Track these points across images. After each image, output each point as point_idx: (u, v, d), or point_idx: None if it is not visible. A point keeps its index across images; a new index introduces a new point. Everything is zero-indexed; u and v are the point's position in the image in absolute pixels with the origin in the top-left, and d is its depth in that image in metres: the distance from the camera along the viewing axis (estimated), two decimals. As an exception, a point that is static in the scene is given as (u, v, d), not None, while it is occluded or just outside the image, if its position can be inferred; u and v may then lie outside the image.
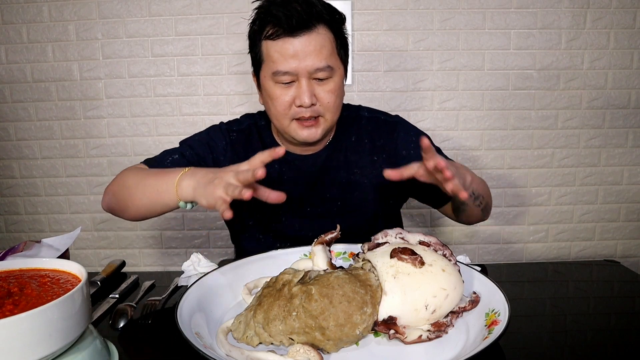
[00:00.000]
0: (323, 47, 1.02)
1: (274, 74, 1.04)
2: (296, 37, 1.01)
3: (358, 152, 1.20)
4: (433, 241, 0.86)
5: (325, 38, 1.03)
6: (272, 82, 1.06)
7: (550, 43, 1.89)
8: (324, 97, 1.06)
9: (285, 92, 1.05)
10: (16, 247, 1.02)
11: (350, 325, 0.72)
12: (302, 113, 1.06)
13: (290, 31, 1.00)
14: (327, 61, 1.03)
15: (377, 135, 1.21)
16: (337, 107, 1.10)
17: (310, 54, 1.01)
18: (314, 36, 1.02)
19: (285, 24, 1.00)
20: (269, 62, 1.05)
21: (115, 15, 1.88)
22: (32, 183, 2.02)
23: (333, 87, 1.06)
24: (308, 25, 1.01)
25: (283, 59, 1.02)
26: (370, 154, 1.20)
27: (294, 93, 1.05)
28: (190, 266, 1.03)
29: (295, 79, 1.04)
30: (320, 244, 0.90)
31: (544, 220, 2.03)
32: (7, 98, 1.95)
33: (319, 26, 1.02)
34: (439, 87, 1.93)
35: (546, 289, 1.03)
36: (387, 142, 1.20)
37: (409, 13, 1.87)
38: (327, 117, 1.08)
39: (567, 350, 0.78)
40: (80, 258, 2.05)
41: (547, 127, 1.96)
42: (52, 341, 0.58)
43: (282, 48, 1.02)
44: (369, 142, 1.20)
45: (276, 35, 1.02)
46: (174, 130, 1.96)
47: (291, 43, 1.01)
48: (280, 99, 1.06)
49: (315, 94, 1.05)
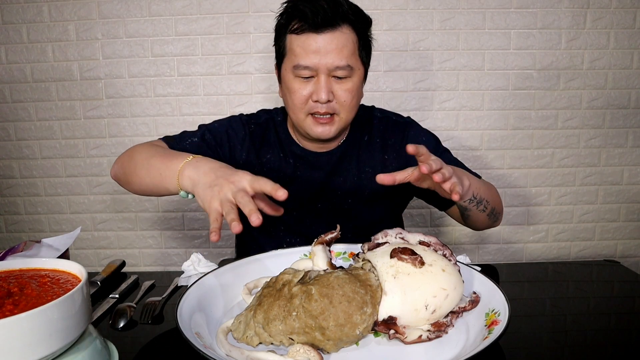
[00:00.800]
0: (345, 46, 1.04)
1: (294, 67, 1.06)
2: (320, 34, 1.03)
3: (369, 151, 1.22)
4: (433, 241, 0.86)
5: (348, 38, 1.05)
6: (292, 76, 1.07)
7: (550, 43, 1.89)
8: (341, 95, 1.07)
9: (304, 87, 1.07)
10: (16, 247, 1.02)
11: (350, 325, 0.72)
12: (317, 108, 1.07)
13: (315, 27, 1.02)
14: (348, 60, 1.05)
15: (388, 135, 1.23)
16: (353, 107, 1.11)
17: (332, 52, 1.03)
18: (337, 35, 1.03)
19: (310, 20, 1.02)
20: (291, 56, 1.07)
21: (115, 15, 1.88)
22: (32, 183, 2.02)
23: (351, 86, 1.08)
24: (332, 23, 1.03)
25: (305, 54, 1.04)
26: (382, 153, 1.22)
27: (312, 88, 1.07)
28: (190, 266, 1.03)
29: (315, 74, 1.06)
30: (320, 244, 0.90)
31: (544, 220, 2.03)
32: (7, 98, 1.95)
33: (344, 26, 1.04)
34: (439, 87, 1.93)
35: (546, 289, 1.03)
36: (397, 141, 1.22)
37: (409, 13, 1.87)
38: (342, 116, 1.10)
39: (567, 350, 0.78)
40: (80, 258, 2.05)
41: (547, 127, 1.96)
42: (52, 341, 0.58)
43: (304, 43, 1.04)
44: (381, 141, 1.22)
45: (301, 30, 1.04)
46: (174, 130, 1.94)
47: (314, 39, 1.03)
48: (298, 93, 1.07)
49: (332, 91, 1.07)
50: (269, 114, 1.26)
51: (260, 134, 1.22)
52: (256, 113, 1.27)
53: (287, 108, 1.14)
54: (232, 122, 1.23)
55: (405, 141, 1.22)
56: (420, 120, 1.94)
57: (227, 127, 1.21)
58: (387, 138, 1.23)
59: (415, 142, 1.19)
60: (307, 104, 1.08)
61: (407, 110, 1.93)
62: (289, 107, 1.12)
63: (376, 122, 1.25)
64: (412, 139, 1.22)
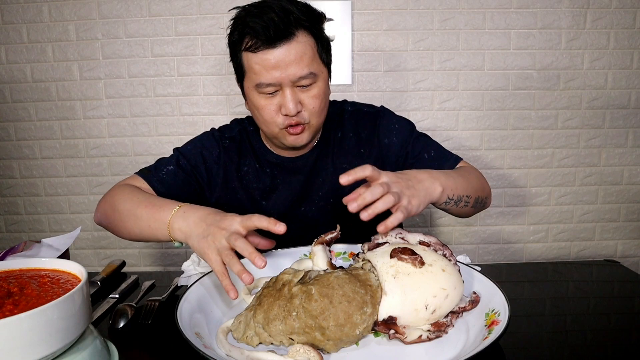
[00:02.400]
0: (304, 54, 1.00)
1: (257, 85, 1.02)
2: (276, 48, 0.98)
3: (344, 147, 1.19)
4: (433, 241, 0.86)
5: (306, 45, 1.01)
6: (257, 93, 1.04)
7: (550, 43, 1.89)
8: (309, 102, 1.05)
9: (271, 102, 1.04)
10: (16, 247, 1.02)
11: (350, 325, 0.72)
12: (288, 121, 1.05)
13: (269, 42, 0.98)
14: (309, 68, 1.01)
15: (360, 128, 1.20)
16: (322, 110, 1.09)
17: (292, 63, 0.99)
18: (294, 45, 0.99)
19: (263, 36, 0.97)
20: (251, 74, 1.03)
21: (115, 15, 1.88)
22: (32, 183, 2.02)
23: (317, 92, 1.05)
24: (286, 34, 0.98)
25: (265, 71, 1.00)
26: (357, 147, 1.19)
27: (278, 101, 1.04)
28: (190, 266, 1.03)
29: (279, 88, 1.03)
30: (320, 243, 0.90)
31: (544, 220, 2.03)
32: (7, 98, 1.95)
33: (298, 33, 1.00)
34: (439, 87, 1.93)
35: (546, 289, 1.03)
36: (370, 132, 1.19)
37: (409, 13, 1.87)
38: (312, 122, 1.08)
39: (567, 350, 0.78)
40: (80, 258, 2.05)
41: (547, 127, 1.96)
42: (52, 341, 0.58)
43: (262, 60, 0.99)
44: (354, 135, 1.19)
45: (255, 47, 0.99)
46: (174, 130, 1.96)
47: (271, 54, 0.99)
48: (266, 109, 1.05)
49: (300, 100, 1.04)
50: (241, 125, 1.23)
51: (235, 148, 1.19)
52: (229, 125, 1.25)
53: (258, 123, 1.11)
54: (204, 141, 1.19)
55: (377, 131, 1.18)
56: (420, 120, 1.94)
57: (201, 147, 1.18)
58: (360, 131, 1.19)
59: (387, 130, 1.18)
60: (277, 117, 1.05)
61: (407, 110, 1.94)
62: (260, 122, 1.10)
63: (347, 117, 1.21)
64: (384, 128, 1.18)
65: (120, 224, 1.01)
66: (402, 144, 1.17)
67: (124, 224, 0.99)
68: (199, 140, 1.21)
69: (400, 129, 1.18)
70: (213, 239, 0.80)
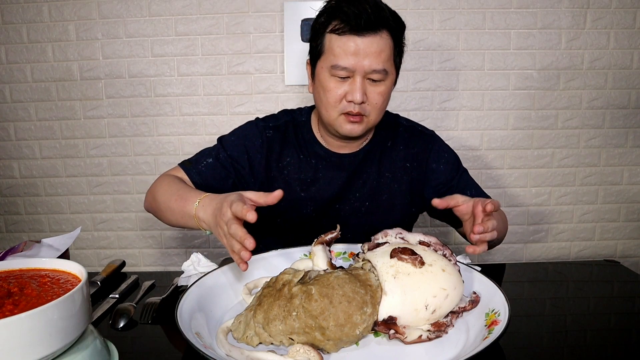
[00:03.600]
0: (383, 51, 1.06)
1: (332, 67, 1.07)
2: (361, 37, 1.04)
3: (392, 157, 1.23)
4: (433, 241, 0.86)
5: (387, 43, 1.07)
6: (328, 74, 1.09)
7: (550, 43, 1.89)
8: (374, 97, 1.09)
9: (339, 86, 1.08)
10: (16, 247, 1.02)
11: (350, 325, 0.72)
12: (350, 108, 1.09)
13: (357, 30, 1.04)
14: (384, 65, 1.07)
15: (412, 144, 1.25)
16: (382, 109, 1.14)
17: (371, 55, 1.05)
18: (377, 39, 1.05)
19: (353, 22, 1.03)
20: (329, 55, 1.08)
21: (115, 15, 1.88)
22: (32, 183, 2.02)
23: (384, 89, 1.10)
24: (374, 27, 1.04)
25: (344, 55, 1.05)
26: (404, 161, 1.24)
27: (347, 88, 1.08)
28: (190, 266, 1.03)
29: (351, 75, 1.07)
30: (320, 244, 0.90)
31: (544, 220, 2.03)
32: (7, 98, 1.95)
33: (383, 31, 1.06)
34: (439, 87, 1.93)
35: (546, 289, 1.04)
36: (420, 151, 1.24)
37: (409, 13, 1.87)
38: (371, 117, 1.12)
39: (567, 350, 0.78)
40: (80, 258, 2.05)
41: (547, 127, 1.96)
42: (52, 341, 0.58)
43: (345, 44, 1.05)
44: (404, 148, 1.24)
45: (342, 31, 1.05)
46: (174, 130, 1.96)
47: (355, 41, 1.04)
48: (333, 92, 1.09)
49: (366, 92, 1.08)
50: (290, 115, 1.27)
51: (278, 139, 1.22)
52: (276, 115, 1.28)
53: (319, 105, 1.15)
54: (248, 131, 1.23)
55: (428, 153, 1.24)
56: (420, 120, 1.94)
57: (244, 138, 1.22)
58: (411, 146, 1.25)
59: (437, 155, 1.25)
60: (340, 102, 1.10)
61: (407, 110, 1.93)
62: (322, 104, 1.13)
63: (401, 130, 1.26)
64: (435, 153, 1.25)
65: (160, 214, 1.11)
66: (449, 175, 1.24)
67: (164, 214, 1.09)
68: (242, 130, 1.24)
69: (449, 159, 1.25)
70: (220, 228, 0.86)
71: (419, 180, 1.24)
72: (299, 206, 1.21)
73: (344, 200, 1.21)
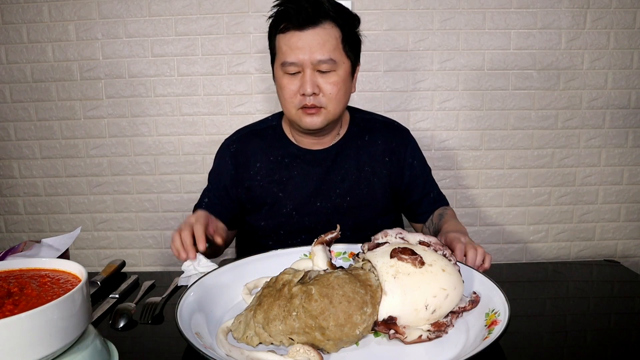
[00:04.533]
0: (327, 41, 1.10)
1: (282, 64, 1.13)
2: (303, 31, 1.10)
3: (370, 151, 1.26)
4: (433, 241, 0.86)
5: (330, 33, 1.11)
6: (282, 73, 1.14)
7: (550, 43, 1.89)
8: (326, 88, 1.13)
9: (292, 82, 1.13)
10: (16, 247, 1.02)
11: (350, 325, 0.72)
12: (305, 101, 1.13)
13: (298, 25, 1.10)
14: (330, 54, 1.10)
15: (392, 138, 1.28)
16: (339, 99, 1.16)
17: (314, 47, 1.10)
18: (319, 31, 1.10)
19: (294, 19, 1.09)
20: (279, 54, 1.14)
21: (115, 15, 1.88)
22: (32, 183, 2.02)
23: (336, 79, 1.13)
24: (314, 20, 1.09)
25: (290, 51, 1.11)
26: (382, 155, 1.26)
27: (299, 83, 1.13)
28: (190, 266, 1.03)
29: (301, 69, 1.12)
30: (320, 244, 0.90)
31: (544, 220, 2.03)
32: (7, 98, 1.95)
33: (325, 22, 1.11)
34: (439, 87, 1.93)
35: (546, 289, 1.03)
36: (399, 145, 1.28)
37: (409, 13, 1.87)
38: (329, 108, 1.15)
39: (567, 350, 0.78)
40: (80, 258, 2.05)
41: (547, 127, 1.96)
42: (52, 341, 0.58)
43: (289, 41, 1.11)
44: (383, 143, 1.27)
45: (286, 29, 1.11)
46: (174, 130, 1.96)
47: (298, 36, 1.10)
48: (287, 88, 1.14)
49: (318, 84, 1.12)
50: (263, 122, 1.32)
51: (242, 149, 1.27)
52: (244, 126, 1.33)
53: (281, 104, 1.20)
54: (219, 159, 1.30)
55: (405, 148, 1.28)
56: (420, 120, 1.94)
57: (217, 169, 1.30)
58: (389, 141, 1.28)
59: (413, 151, 1.30)
60: (296, 97, 1.14)
61: (407, 110, 1.93)
62: (282, 102, 1.18)
63: (378, 125, 1.29)
64: (411, 148, 1.30)
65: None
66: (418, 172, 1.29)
67: None
68: (216, 159, 1.32)
69: (421, 157, 1.32)
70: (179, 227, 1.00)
71: (396, 174, 1.27)
72: (279, 206, 1.24)
73: (323, 197, 1.24)
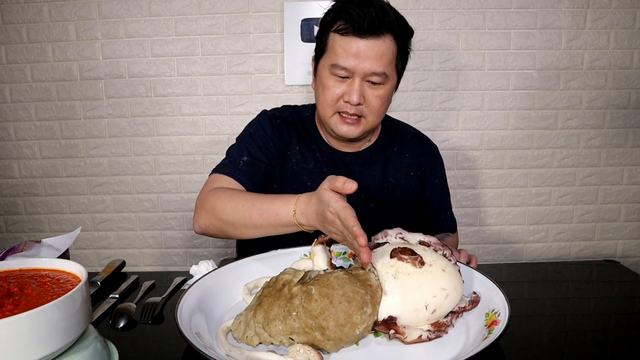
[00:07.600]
0: (384, 54, 1.06)
1: (332, 66, 1.08)
2: (362, 39, 1.05)
3: (396, 163, 1.25)
4: (433, 241, 0.86)
5: (389, 47, 1.07)
6: (329, 73, 1.10)
7: (550, 43, 1.89)
8: (372, 100, 1.10)
9: (338, 85, 1.09)
10: (16, 247, 1.02)
11: (350, 325, 0.72)
12: (346, 108, 1.10)
13: (359, 32, 1.05)
14: (385, 68, 1.07)
15: (418, 152, 1.27)
16: (380, 113, 1.14)
17: (371, 58, 1.05)
18: (379, 43, 1.05)
19: (356, 24, 1.04)
20: (331, 54, 1.09)
21: (115, 15, 1.88)
22: (32, 183, 2.02)
23: (383, 93, 1.10)
24: (377, 31, 1.05)
25: (345, 55, 1.06)
26: (408, 169, 1.25)
27: (345, 88, 1.09)
28: (198, 271, 1.02)
29: (351, 76, 1.08)
30: (320, 244, 0.90)
31: (544, 220, 2.03)
32: (7, 98, 1.95)
33: (387, 35, 1.06)
34: (439, 87, 1.93)
35: (546, 289, 1.03)
36: (425, 161, 1.27)
37: (409, 13, 1.87)
38: (369, 120, 1.12)
39: (567, 350, 0.78)
40: (80, 258, 2.05)
41: (547, 127, 1.96)
42: (52, 341, 0.58)
43: (347, 45, 1.06)
44: (410, 156, 1.26)
45: (345, 31, 1.06)
46: (174, 130, 1.96)
47: (356, 43, 1.05)
48: (331, 90, 1.10)
49: (364, 95, 1.09)
50: (293, 109, 1.27)
51: (286, 128, 1.23)
52: (280, 107, 1.29)
53: (317, 101, 1.16)
54: (262, 122, 1.23)
55: (432, 165, 1.27)
56: (420, 120, 1.94)
57: (262, 129, 1.21)
58: (417, 155, 1.26)
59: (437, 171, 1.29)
60: (337, 102, 1.10)
61: (407, 110, 1.93)
62: (320, 101, 1.14)
63: (409, 137, 1.28)
64: (437, 167, 1.28)
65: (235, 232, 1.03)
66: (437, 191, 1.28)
67: (241, 232, 1.02)
68: (256, 121, 1.24)
69: (443, 177, 1.30)
70: (331, 225, 0.83)
71: (418, 190, 1.26)
72: None
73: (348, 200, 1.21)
